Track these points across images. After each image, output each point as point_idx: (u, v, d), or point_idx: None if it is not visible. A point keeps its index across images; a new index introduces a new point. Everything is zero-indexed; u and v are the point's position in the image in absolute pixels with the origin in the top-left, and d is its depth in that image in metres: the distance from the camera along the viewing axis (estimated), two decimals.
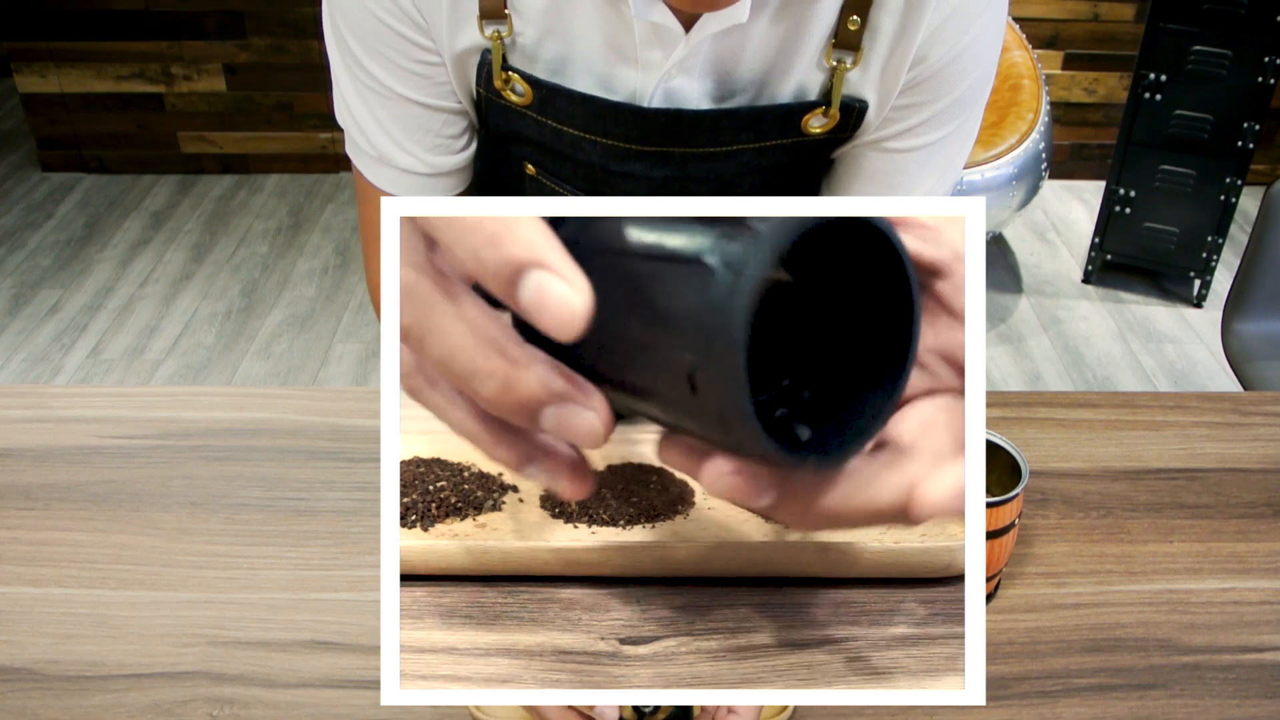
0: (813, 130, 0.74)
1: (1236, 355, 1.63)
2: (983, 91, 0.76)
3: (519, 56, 0.73)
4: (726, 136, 0.74)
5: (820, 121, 0.74)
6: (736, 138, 0.74)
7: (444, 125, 0.78)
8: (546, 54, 0.73)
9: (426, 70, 0.74)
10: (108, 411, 0.98)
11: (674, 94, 0.73)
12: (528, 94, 0.74)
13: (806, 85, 0.73)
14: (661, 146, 0.74)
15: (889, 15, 0.70)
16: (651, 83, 0.72)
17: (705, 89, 0.73)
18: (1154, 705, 0.73)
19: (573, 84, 0.73)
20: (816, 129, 0.74)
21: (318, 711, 0.71)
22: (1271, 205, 1.58)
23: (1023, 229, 2.97)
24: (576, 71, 0.73)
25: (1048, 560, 0.85)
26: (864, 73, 0.72)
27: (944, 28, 0.70)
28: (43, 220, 2.95)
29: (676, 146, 0.74)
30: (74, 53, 3.03)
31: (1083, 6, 2.97)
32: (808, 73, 0.73)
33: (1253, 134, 2.42)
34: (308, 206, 3.04)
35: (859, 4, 0.69)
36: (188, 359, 2.44)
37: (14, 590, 0.81)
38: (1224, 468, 0.95)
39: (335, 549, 0.84)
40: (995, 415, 1.00)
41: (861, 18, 0.69)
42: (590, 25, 0.70)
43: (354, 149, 0.80)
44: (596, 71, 0.73)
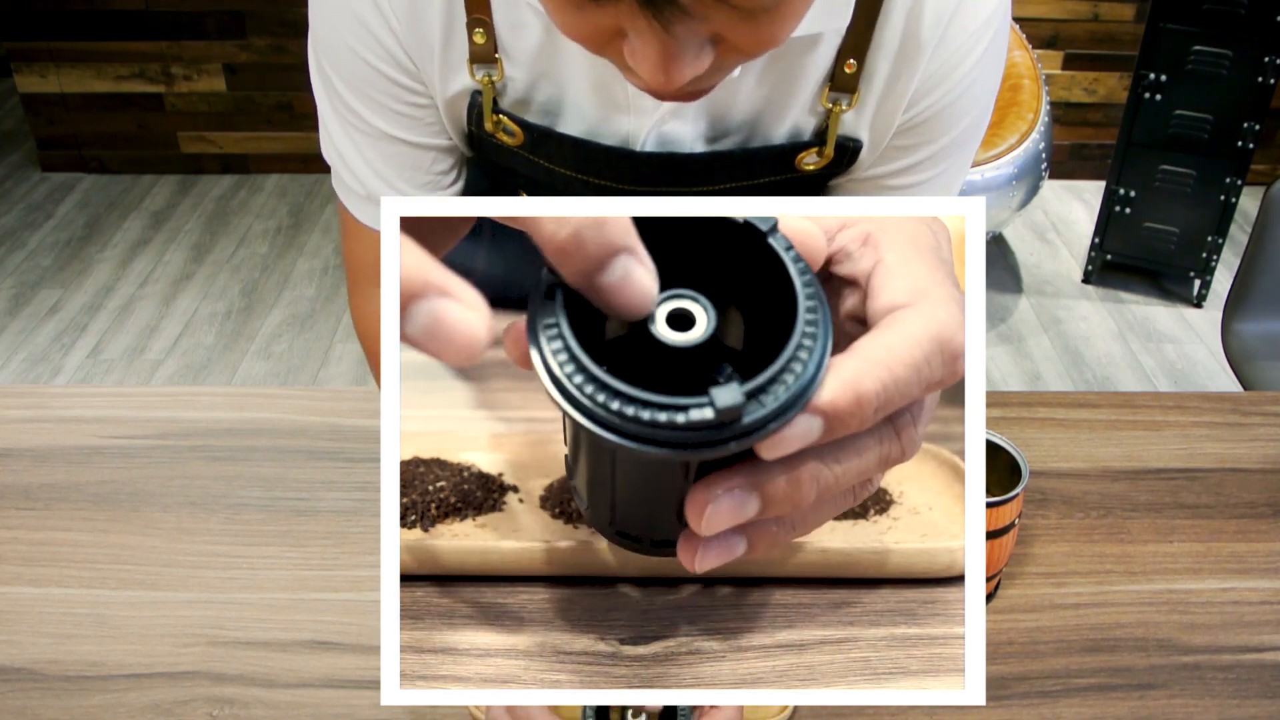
0: (806, 167, 0.74)
1: (1236, 355, 1.63)
2: (978, 131, 0.76)
3: (511, 99, 0.73)
4: (720, 176, 0.74)
5: (814, 160, 0.74)
6: (730, 177, 0.74)
7: (434, 162, 0.77)
8: (540, 97, 0.72)
9: (415, 111, 0.74)
10: (108, 411, 0.98)
11: (667, 137, 0.72)
12: (519, 135, 0.73)
13: (801, 126, 0.73)
14: (654, 187, 0.74)
15: (885, 59, 0.69)
16: (645, 127, 0.71)
17: (699, 131, 0.72)
18: (1154, 705, 0.73)
19: (566, 127, 0.73)
20: (810, 166, 0.74)
21: (318, 711, 0.71)
22: (1271, 205, 1.58)
23: (1023, 229, 2.97)
24: (570, 115, 0.72)
25: (1048, 560, 0.85)
26: (859, 114, 0.72)
27: (941, 72, 0.70)
28: (43, 220, 2.95)
29: (669, 187, 0.74)
30: (74, 53, 3.03)
31: (1083, 6, 2.98)
32: (802, 114, 0.72)
33: (1253, 134, 2.42)
34: (308, 206, 3.04)
35: (856, 48, 0.69)
36: (188, 359, 2.44)
37: (14, 590, 0.81)
38: (1224, 468, 0.95)
39: (335, 549, 0.84)
40: (995, 415, 1.00)
41: (858, 61, 0.69)
42: (582, 71, 0.70)
43: (341, 186, 0.80)
44: (589, 115, 0.72)
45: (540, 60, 0.70)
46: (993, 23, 0.69)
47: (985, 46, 0.69)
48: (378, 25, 0.69)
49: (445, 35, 0.69)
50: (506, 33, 0.69)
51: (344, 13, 0.69)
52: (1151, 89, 2.46)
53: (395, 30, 0.69)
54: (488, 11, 0.68)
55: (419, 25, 0.69)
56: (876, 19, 0.68)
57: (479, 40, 0.69)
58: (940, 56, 0.69)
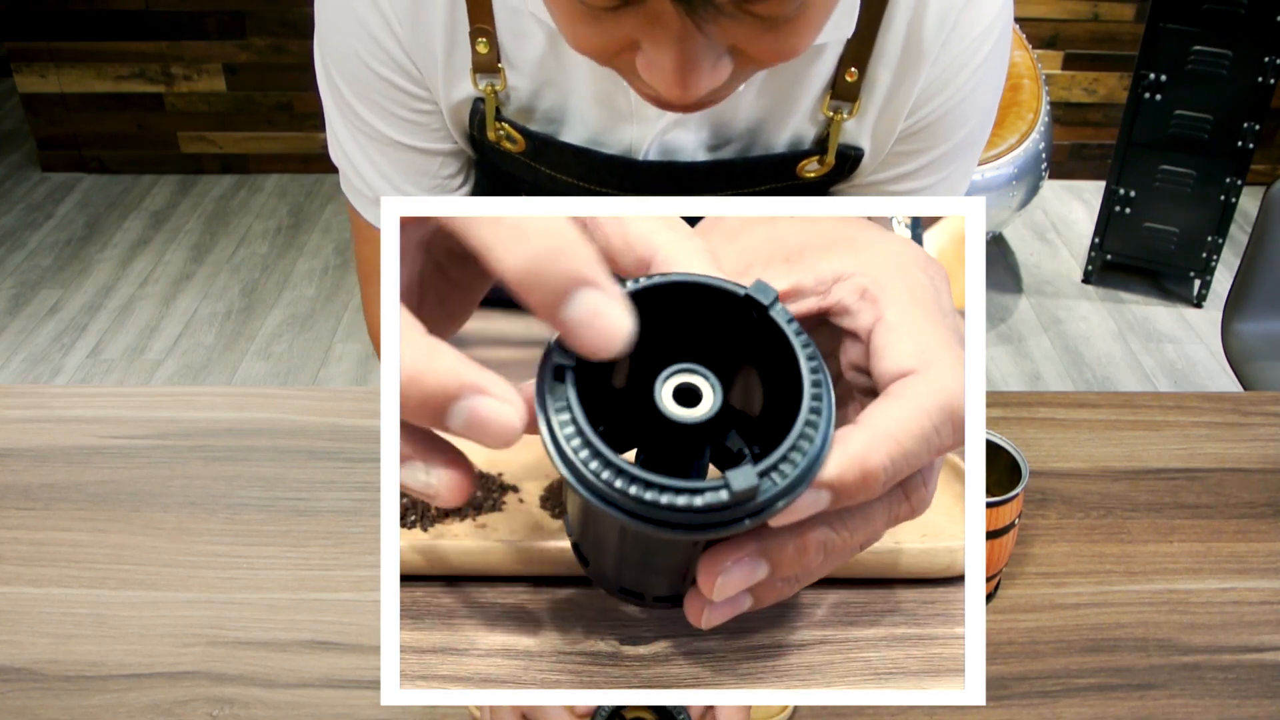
0: (807, 175, 0.74)
1: (1236, 355, 1.63)
2: (982, 136, 0.75)
3: (514, 108, 0.73)
4: (721, 185, 0.74)
5: (815, 168, 0.74)
6: (731, 185, 0.74)
7: (440, 166, 0.77)
8: (543, 105, 0.72)
9: (420, 117, 0.74)
10: (108, 411, 0.98)
11: (669, 146, 0.72)
12: (521, 143, 0.74)
13: (802, 134, 0.73)
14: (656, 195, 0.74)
15: (887, 67, 0.69)
16: (648, 136, 0.72)
17: (701, 139, 0.73)
18: (1154, 705, 0.73)
19: (569, 136, 0.73)
20: (811, 174, 0.74)
21: (318, 711, 0.71)
22: (1271, 205, 1.58)
23: (1023, 229, 2.98)
24: (573, 123, 0.73)
25: (1048, 560, 0.85)
26: (860, 122, 0.72)
27: (943, 79, 0.69)
28: (43, 220, 2.95)
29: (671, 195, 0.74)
30: (74, 53, 3.03)
31: (1083, 6, 2.98)
32: (804, 123, 0.72)
33: (1253, 134, 2.42)
34: (308, 206, 3.04)
35: (857, 56, 0.68)
36: (188, 359, 2.44)
37: (14, 590, 0.81)
38: (1224, 468, 0.95)
39: (335, 549, 0.84)
40: (995, 415, 1.00)
41: (860, 69, 0.69)
42: (585, 81, 0.70)
43: (350, 189, 0.80)
44: (592, 124, 0.72)
45: (543, 69, 0.70)
46: (995, 28, 0.69)
47: (988, 52, 0.69)
48: (381, 32, 0.69)
49: (448, 44, 0.69)
50: (510, 42, 0.69)
51: (348, 19, 0.69)
52: (1151, 89, 2.46)
53: (399, 36, 0.69)
54: (490, 21, 0.68)
55: (422, 33, 0.69)
56: (879, 27, 0.67)
57: (482, 50, 0.69)
58: (942, 63, 0.69)
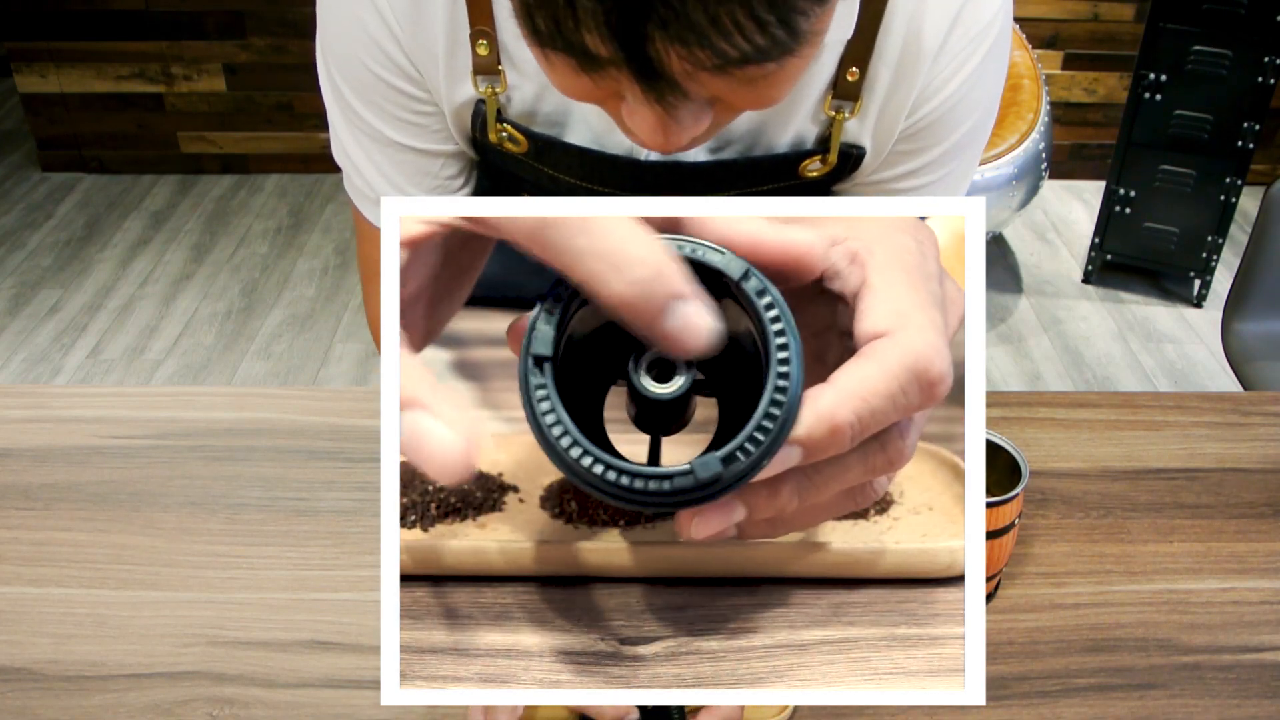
0: (809, 175, 0.75)
1: (1236, 355, 1.63)
2: (982, 133, 0.76)
3: (517, 110, 0.73)
4: (723, 185, 0.74)
5: (817, 168, 0.74)
6: (733, 185, 0.74)
7: (442, 167, 0.78)
8: (546, 108, 0.72)
9: (422, 119, 0.74)
10: (108, 411, 0.98)
11: None
12: (523, 144, 0.74)
13: (804, 134, 0.73)
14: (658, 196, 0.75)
15: (887, 66, 0.69)
16: None
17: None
18: (1154, 705, 0.73)
19: (571, 137, 0.73)
20: (813, 174, 0.75)
21: (318, 711, 0.72)
22: (1271, 205, 1.58)
23: (1023, 229, 2.98)
24: (576, 125, 0.73)
25: (1048, 560, 0.85)
26: (862, 122, 0.72)
27: (943, 77, 0.70)
28: (43, 220, 2.95)
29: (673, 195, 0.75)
30: (74, 53, 3.03)
31: (1083, 6, 2.98)
32: (805, 123, 0.72)
33: (1253, 134, 2.42)
34: (308, 206, 3.04)
35: (858, 56, 0.69)
36: (188, 359, 2.44)
37: (14, 590, 0.81)
38: (1224, 468, 0.95)
39: (335, 549, 0.84)
40: (995, 415, 1.00)
41: (861, 69, 0.69)
42: None
43: (352, 189, 0.80)
44: (595, 125, 0.72)
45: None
46: (994, 26, 0.69)
47: (987, 50, 0.69)
48: (382, 35, 0.69)
49: (449, 45, 0.69)
50: (512, 43, 0.69)
51: (350, 22, 0.69)
52: (1151, 89, 2.46)
53: (399, 39, 0.69)
54: (491, 23, 0.68)
55: (422, 35, 0.69)
56: (879, 27, 0.68)
57: (482, 52, 0.69)
58: (942, 62, 0.69)
